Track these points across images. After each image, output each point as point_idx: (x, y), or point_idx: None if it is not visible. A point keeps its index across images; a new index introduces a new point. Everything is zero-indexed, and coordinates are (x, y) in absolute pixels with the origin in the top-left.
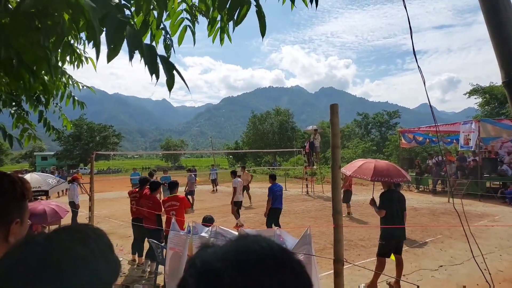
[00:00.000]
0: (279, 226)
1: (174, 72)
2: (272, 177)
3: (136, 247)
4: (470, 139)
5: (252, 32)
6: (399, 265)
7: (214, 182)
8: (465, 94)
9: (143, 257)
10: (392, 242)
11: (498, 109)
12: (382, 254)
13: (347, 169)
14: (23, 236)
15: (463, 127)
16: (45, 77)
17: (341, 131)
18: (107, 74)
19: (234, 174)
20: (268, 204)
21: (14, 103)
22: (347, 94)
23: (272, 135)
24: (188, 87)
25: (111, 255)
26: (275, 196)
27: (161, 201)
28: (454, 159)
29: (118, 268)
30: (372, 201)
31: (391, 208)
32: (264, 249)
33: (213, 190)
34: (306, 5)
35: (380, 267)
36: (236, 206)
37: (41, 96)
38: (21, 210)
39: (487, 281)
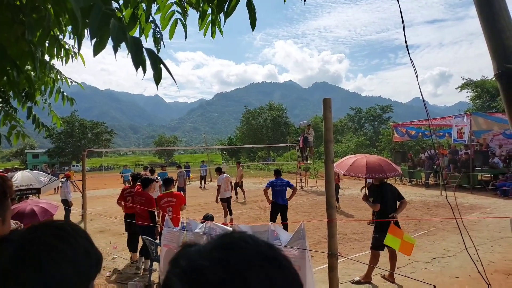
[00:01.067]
0: (286, 222)
1: (161, 66)
2: (275, 172)
3: (130, 243)
4: (463, 133)
5: (244, 27)
6: (393, 258)
7: (203, 178)
8: (457, 88)
9: (137, 254)
10: (385, 235)
11: (489, 103)
12: (376, 247)
13: (339, 167)
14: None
15: (456, 120)
16: (32, 73)
17: (334, 125)
18: (98, 70)
19: (219, 171)
20: (265, 194)
21: (1, 100)
22: (340, 89)
23: (265, 130)
24: (175, 81)
25: (91, 249)
26: (273, 190)
27: (157, 197)
28: (446, 152)
29: (99, 262)
30: (365, 197)
31: (385, 201)
32: (250, 245)
33: (201, 187)
34: None
35: (374, 260)
36: (225, 202)
37: (29, 92)
38: (2, 208)
39: (479, 272)
